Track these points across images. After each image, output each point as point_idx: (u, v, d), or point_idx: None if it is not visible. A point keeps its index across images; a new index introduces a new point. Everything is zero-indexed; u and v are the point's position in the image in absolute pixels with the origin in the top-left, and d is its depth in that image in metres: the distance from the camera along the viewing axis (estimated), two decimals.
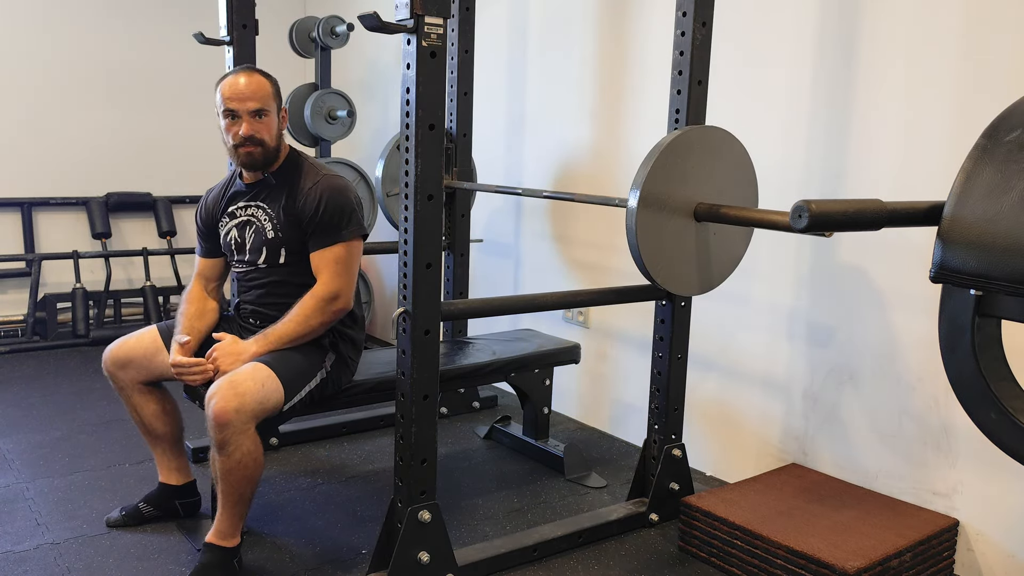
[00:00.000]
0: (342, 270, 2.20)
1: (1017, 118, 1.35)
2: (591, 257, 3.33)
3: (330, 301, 2.19)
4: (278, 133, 2.26)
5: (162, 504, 2.44)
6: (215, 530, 2.11)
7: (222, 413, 1.95)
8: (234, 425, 1.96)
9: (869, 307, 2.42)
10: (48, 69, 4.35)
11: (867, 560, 2.01)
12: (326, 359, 2.24)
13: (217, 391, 1.98)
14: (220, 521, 2.10)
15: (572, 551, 2.36)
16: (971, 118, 2.14)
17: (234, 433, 1.97)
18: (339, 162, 3.81)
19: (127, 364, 2.28)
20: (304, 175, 2.25)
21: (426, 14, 1.81)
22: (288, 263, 2.26)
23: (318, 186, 2.21)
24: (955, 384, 1.43)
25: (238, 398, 1.97)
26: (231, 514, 2.09)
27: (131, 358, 2.28)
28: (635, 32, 3.04)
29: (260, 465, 2.07)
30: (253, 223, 2.28)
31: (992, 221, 1.30)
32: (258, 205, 2.28)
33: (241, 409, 1.97)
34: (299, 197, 2.22)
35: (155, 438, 2.39)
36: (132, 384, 2.31)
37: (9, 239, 4.36)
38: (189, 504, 2.46)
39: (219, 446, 1.99)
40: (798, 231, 1.47)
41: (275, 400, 2.06)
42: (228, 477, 2.03)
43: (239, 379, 2.00)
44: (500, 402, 3.60)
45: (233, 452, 1.99)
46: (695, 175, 2.07)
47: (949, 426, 2.25)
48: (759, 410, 2.75)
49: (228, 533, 2.11)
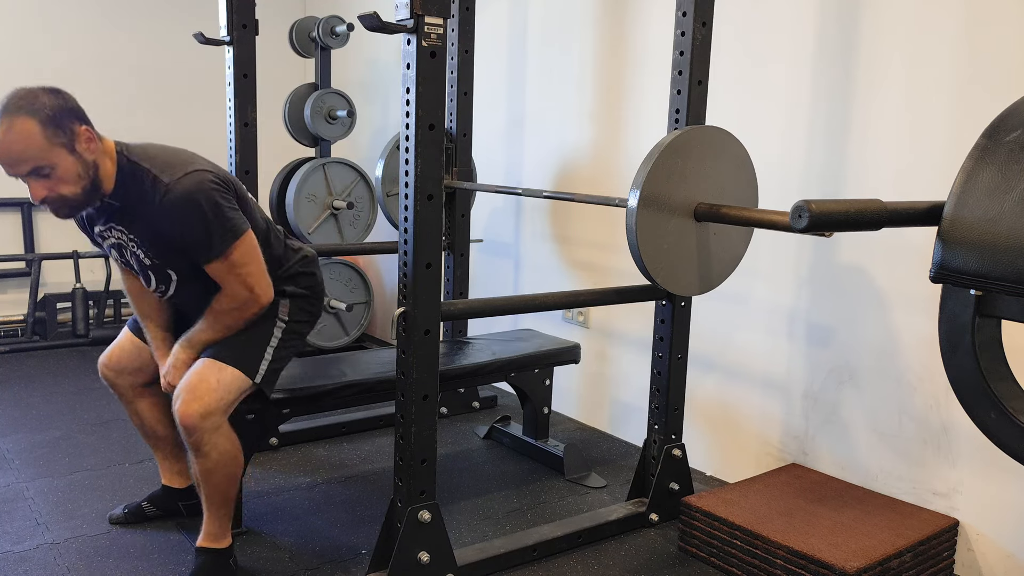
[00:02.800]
0: (242, 274, 1.98)
1: (1017, 118, 1.34)
2: (591, 257, 3.32)
3: (246, 303, 2.03)
4: (83, 168, 1.86)
5: (165, 505, 2.44)
6: (205, 533, 2.10)
7: (187, 418, 1.94)
8: (202, 428, 1.95)
9: (869, 307, 2.42)
10: (48, 69, 4.35)
11: (867, 560, 2.01)
12: (278, 311, 2.12)
13: (179, 394, 1.98)
14: (208, 523, 2.09)
15: (572, 551, 2.36)
16: (971, 118, 2.14)
17: (205, 433, 1.96)
18: (339, 162, 3.82)
19: (121, 371, 2.28)
20: (148, 189, 1.90)
21: (426, 14, 1.81)
22: (184, 278, 2.04)
23: (164, 203, 1.88)
24: (955, 384, 1.43)
25: (198, 402, 1.95)
26: (217, 515, 2.08)
27: (122, 365, 2.28)
28: (635, 32, 3.04)
29: (240, 463, 2.06)
30: (125, 248, 2.04)
31: (993, 221, 1.30)
32: (118, 228, 2.01)
33: (205, 413, 1.95)
34: (151, 220, 1.92)
35: (156, 440, 2.39)
36: (131, 388, 2.30)
37: (9, 239, 4.36)
38: (192, 506, 2.45)
39: (194, 449, 1.98)
40: (798, 231, 1.47)
41: (238, 385, 2.01)
42: (209, 479, 2.02)
43: (194, 382, 1.98)
44: (500, 402, 3.60)
45: (209, 452, 1.98)
46: (695, 175, 2.07)
47: (949, 426, 2.25)
48: (759, 410, 2.75)
49: (218, 535, 2.10)
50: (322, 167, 3.72)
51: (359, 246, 3.67)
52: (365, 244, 3.77)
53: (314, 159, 3.79)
